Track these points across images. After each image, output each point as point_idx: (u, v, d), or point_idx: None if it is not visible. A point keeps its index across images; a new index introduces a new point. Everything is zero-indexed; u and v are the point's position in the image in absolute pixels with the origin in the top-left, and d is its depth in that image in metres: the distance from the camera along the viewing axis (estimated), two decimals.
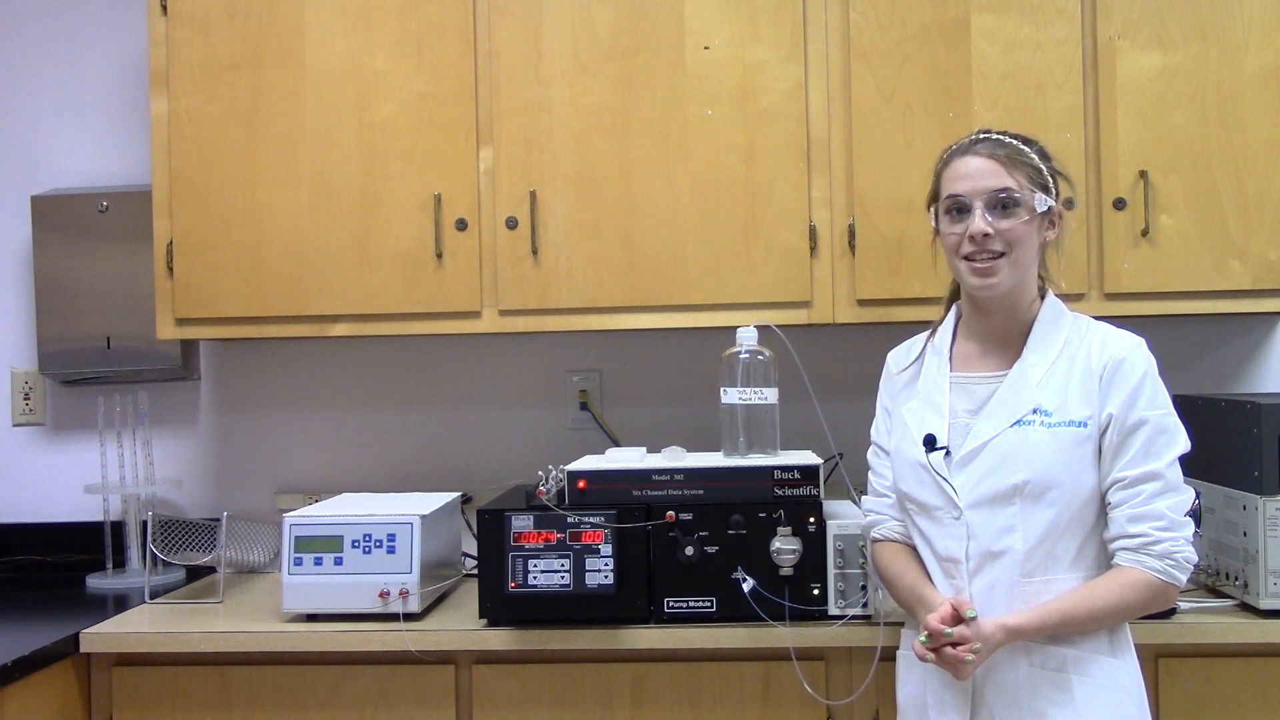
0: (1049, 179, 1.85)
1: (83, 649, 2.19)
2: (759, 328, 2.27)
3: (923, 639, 1.73)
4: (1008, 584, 1.77)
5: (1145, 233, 2.34)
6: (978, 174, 1.81)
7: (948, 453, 1.82)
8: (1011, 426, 1.78)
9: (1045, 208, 1.82)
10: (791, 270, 2.40)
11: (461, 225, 2.43)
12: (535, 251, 2.42)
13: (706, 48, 2.40)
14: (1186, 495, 1.77)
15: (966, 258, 1.82)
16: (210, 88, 2.46)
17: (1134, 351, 1.80)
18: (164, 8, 2.48)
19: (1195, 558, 1.76)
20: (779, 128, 2.40)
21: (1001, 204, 1.80)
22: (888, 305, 2.39)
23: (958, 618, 1.71)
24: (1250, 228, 2.34)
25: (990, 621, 1.72)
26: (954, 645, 1.70)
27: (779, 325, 2.26)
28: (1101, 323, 1.87)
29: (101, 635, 2.21)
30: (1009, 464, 1.76)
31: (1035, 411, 1.77)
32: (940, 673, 1.78)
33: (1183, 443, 1.78)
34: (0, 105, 2.92)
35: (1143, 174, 2.34)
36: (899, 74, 2.38)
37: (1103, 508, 1.78)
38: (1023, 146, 1.85)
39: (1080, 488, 1.76)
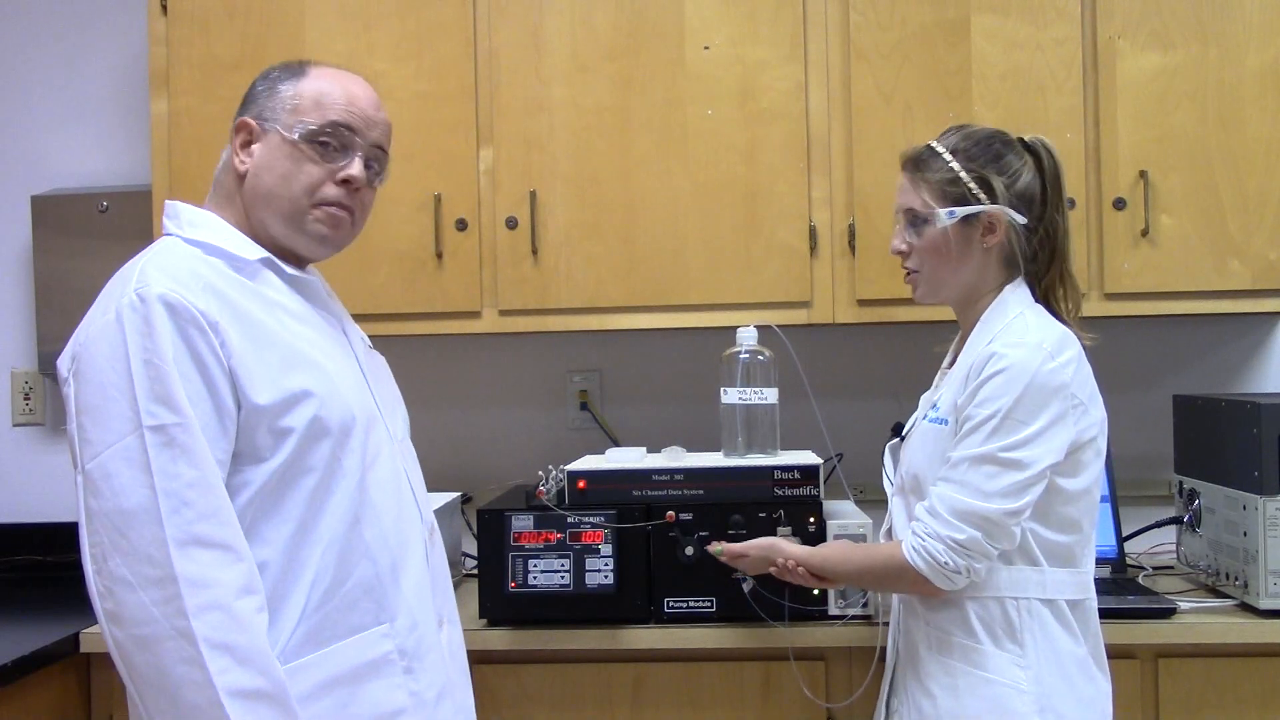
0: (970, 185, 1.74)
1: (83, 649, 2.19)
2: (759, 328, 2.27)
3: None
4: None
5: (1145, 233, 2.34)
6: (899, 191, 1.84)
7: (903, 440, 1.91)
8: (921, 421, 1.83)
9: (949, 220, 1.74)
10: (791, 270, 2.40)
11: (461, 225, 2.43)
12: (535, 251, 2.42)
13: (706, 48, 2.40)
14: (966, 501, 1.63)
15: None
16: (210, 88, 2.46)
17: (1003, 350, 1.67)
18: (164, 8, 2.48)
19: (950, 563, 1.63)
20: (779, 128, 2.40)
21: (911, 222, 1.81)
22: (888, 305, 2.39)
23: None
24: (1250, 228, 2.34)
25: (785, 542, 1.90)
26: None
27: (779, 325, 2.26)
28: (1038, 322, 1.72)
29: (101, 635, 2.21)
30: (905, 458, 1.84)
31: (933, 407, 1.80)
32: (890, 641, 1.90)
33: (993, 448, 1.63)
34: (0, 105, 2.93)
35: (1143, 174, 2.34)
36: (899, 74, 2.38)
37: None
38: (937, 155, 1.78)
39: None
